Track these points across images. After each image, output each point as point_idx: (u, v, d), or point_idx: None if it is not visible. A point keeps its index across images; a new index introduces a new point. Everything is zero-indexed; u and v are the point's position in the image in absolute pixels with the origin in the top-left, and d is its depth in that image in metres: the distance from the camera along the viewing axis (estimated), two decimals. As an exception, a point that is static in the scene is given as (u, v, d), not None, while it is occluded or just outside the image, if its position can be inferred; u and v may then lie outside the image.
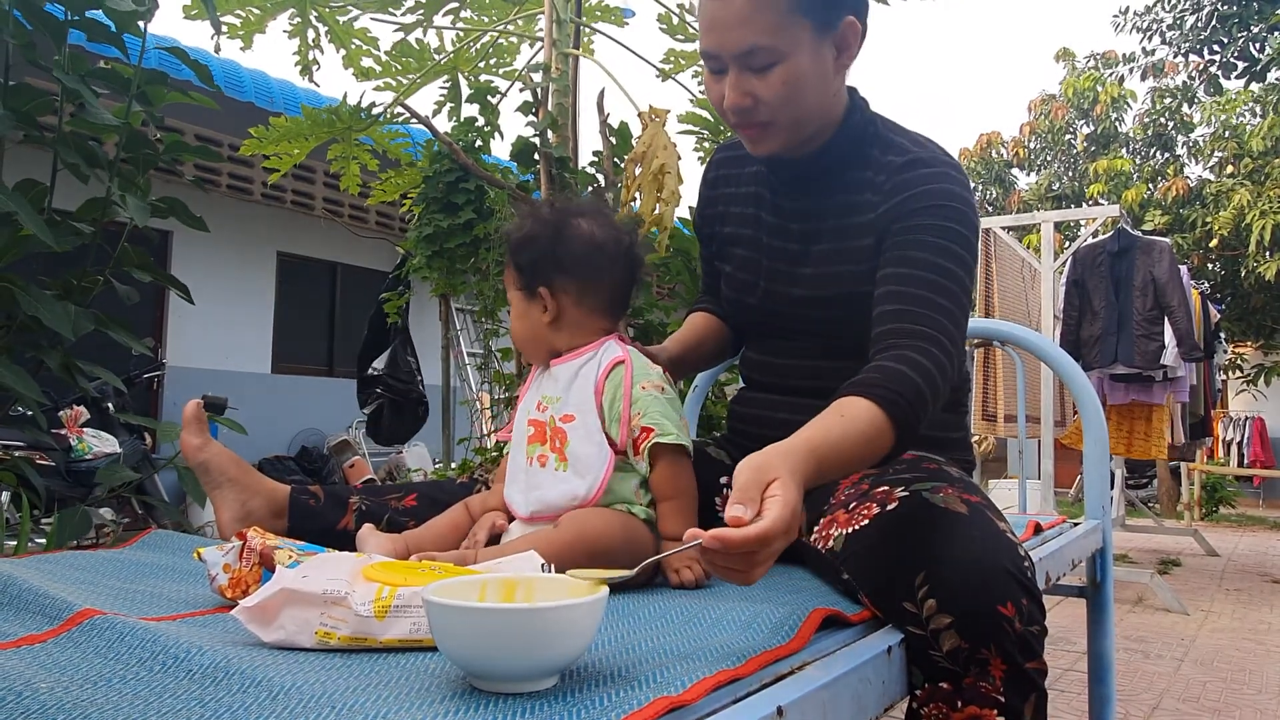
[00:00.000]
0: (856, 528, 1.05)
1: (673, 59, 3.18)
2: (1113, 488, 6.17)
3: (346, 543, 1.21)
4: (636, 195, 2.67)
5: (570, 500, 1.12)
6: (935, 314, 1.10)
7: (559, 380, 1.19)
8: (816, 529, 1.15)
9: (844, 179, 1.25)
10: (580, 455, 1.13)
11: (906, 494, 1.05)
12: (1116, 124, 11.04)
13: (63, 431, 4.28)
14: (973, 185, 11.93)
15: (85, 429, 4.43)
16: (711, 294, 1.52)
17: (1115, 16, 8.53)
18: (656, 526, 1.14)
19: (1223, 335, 7.00)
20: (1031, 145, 11.74)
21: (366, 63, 3.32)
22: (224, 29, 2.99)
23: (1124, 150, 10.99)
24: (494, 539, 1.16)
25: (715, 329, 1.49)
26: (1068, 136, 11.37)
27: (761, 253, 1.33)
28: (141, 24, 1.73)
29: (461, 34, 3.35)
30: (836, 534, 1.08)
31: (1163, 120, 10.67)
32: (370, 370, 5.74)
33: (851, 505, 1.10)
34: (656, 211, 2.55)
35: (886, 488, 1.09)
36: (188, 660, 0.69)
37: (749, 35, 1.11)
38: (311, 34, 3.23)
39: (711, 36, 1.14)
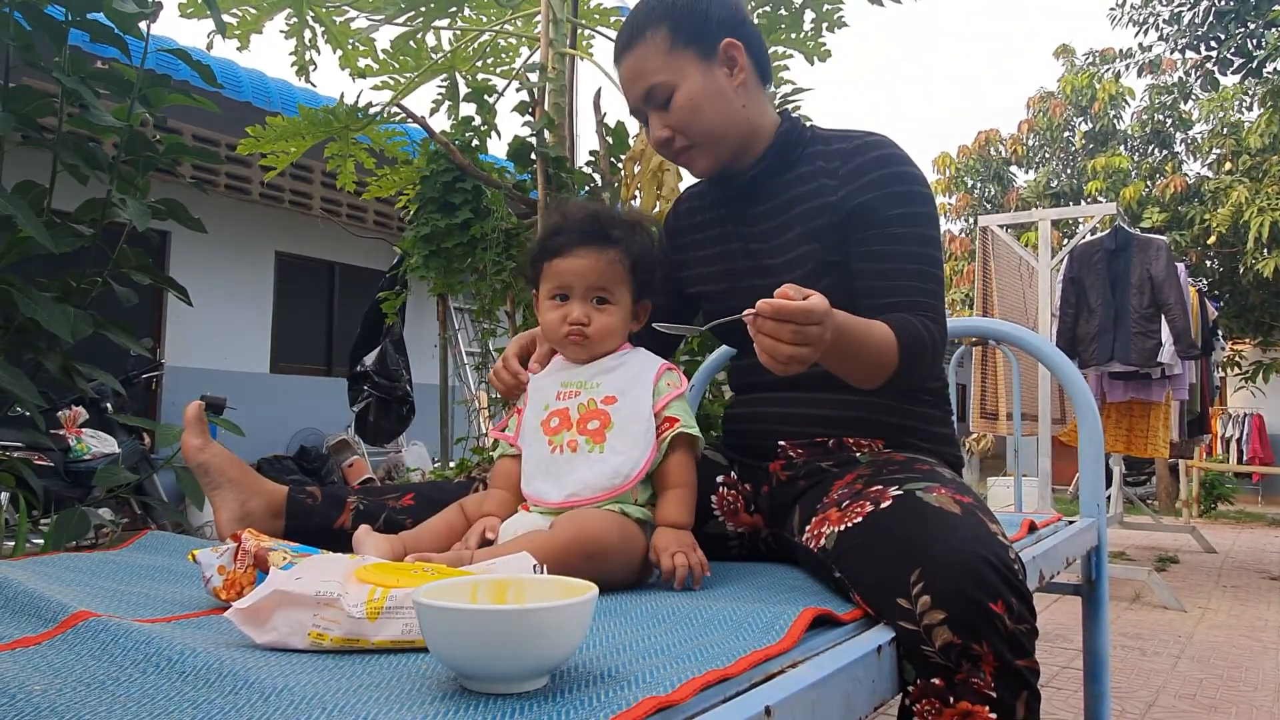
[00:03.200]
0: (849, 525, 1.06)
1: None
2: (1111, 485, 6.18)
3: (344, 542, 1.21)
4: (636, 194, 2.68)
5: (613, 478, 1.13)
6: (927, 298, 1.25)
7: (590, 367, 1.23)
8: (808, 528, 1.16)
9: (792, 175, 1.35)
10: (625, 433, 1.15)
11: (900, 493, 1.06)
12: (1114, 121, 11.03)
13: (61, 432, 4.28)
14: (971, 183, 11.96)
15: (84, 429, 4.43)
16: None
17: (1112, 9, 8.52)
18: (650, 526, 1.15)
19: (1220, 332, 7.00)
20: (1030, 143, 11.72)
21: (364, 63, 3.32)
22: (224, 28, 2.99)
23: (1122, 147, 10.97)
24: (484, 545, 1.17)
25: None
26: (1066, 134, 11.36)
27: (737, 256, 1.40)
28: (144, 25, 1.74)
29: (459, 34, 3.35)
30: (829, 532, 1.09)
31: (1160, 117, 10.67)
32: (359, 367, 5.72)
33: (844, 504, 1.11)
34: (657, 209, 2.56)
35: (880, 487, 1.10)
36: (181, 662, 0.70)
37: (645, 80, 1.31)
38: (308, 34, 3.24)
39: (627, 95, 1.36)
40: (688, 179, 1.54)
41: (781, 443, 1.33)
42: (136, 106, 1.74)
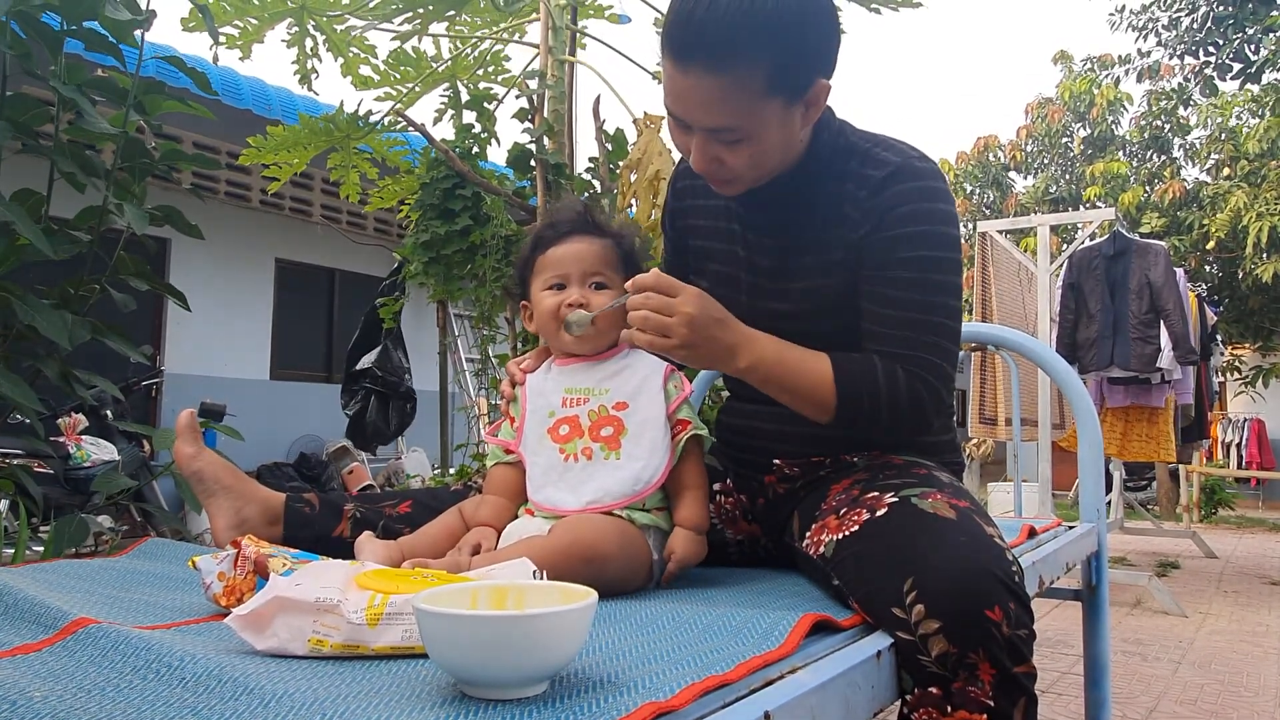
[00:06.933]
0: (846, 534, 1.06)
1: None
2: (1111, 490, 6.17)
3: (342, 550, 1.21)
4: (633, 201, 2.68)
5: (634, 484, 1.14)
6: (913, 349, 1.16)
7: (593, 373, 1.22)
8: (809, 534, 1.16)
9: (819, 194, 1.23)
10: (641, 439, 1.16)
11: (896, 500, 1.06)
12: (1113, 127, 11.05)
13: (61, 439, 4.28)
14: (970, 189, 11.97)
15: (84, 436, 4.43)
16: None
17: (1111, 15, 8.56)
18: (655, 530, 1.15)
19: (1220, 337, 7.00)
20: (1028, 148, 11.74)
21: (365, 71, 3.33)
22: (222, 40, 3.00)
23: (1120, 153, 10.99)
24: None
25: None
26: (1064, 140, 11.38)
27: (740, 267, 1.29)
28: (138, 34, 1.74)
29: (459, 42, 3.36)
30: (828, 540, 1.09)
31: (1159, 123, 10.68)
32: (358, 366, 5.66)
33: (842, 511, 1.11)
34: (653, 218, 2.56)
35: (876, 493, 1.10)
36: (181, 669, 0.70)
37: (719, 118, 1.11)
38: (309, 43, 3.24)
39: (679, 105, 1.12)
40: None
41: (777, 461, 1.30)
42: (132, 114, 1.75)
